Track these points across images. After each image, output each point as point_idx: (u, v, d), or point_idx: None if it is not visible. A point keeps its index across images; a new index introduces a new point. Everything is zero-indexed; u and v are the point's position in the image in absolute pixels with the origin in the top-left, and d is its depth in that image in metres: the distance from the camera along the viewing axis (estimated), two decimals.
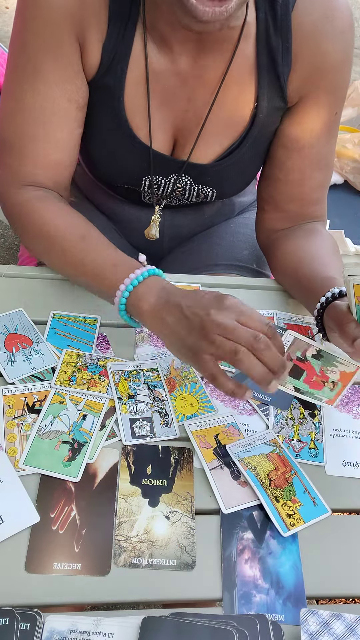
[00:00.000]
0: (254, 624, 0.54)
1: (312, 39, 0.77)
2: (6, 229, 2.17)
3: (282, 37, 0.77)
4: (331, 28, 0.76)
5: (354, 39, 0.80)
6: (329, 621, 0.55)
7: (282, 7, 0.75)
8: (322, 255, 0.83)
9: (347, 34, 0.78)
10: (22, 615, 0.53)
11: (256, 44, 0.78)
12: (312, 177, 0.86)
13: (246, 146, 0.85)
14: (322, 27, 0.76)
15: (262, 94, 0.80)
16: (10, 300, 0.82)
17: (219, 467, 0.68)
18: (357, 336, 0.65)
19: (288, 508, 0.64)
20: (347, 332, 0.66)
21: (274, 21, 0.76)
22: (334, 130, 0.85)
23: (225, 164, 0.87)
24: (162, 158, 0.86)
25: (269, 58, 0.78)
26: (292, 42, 0.77)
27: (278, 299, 0.90)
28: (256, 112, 0.82)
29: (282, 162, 0.86)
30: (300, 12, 0.76)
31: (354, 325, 0.66)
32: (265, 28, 0.77)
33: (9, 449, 0.66)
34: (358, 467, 0.71)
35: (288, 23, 0.76)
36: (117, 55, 0.76)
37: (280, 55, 0.78)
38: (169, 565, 0.60)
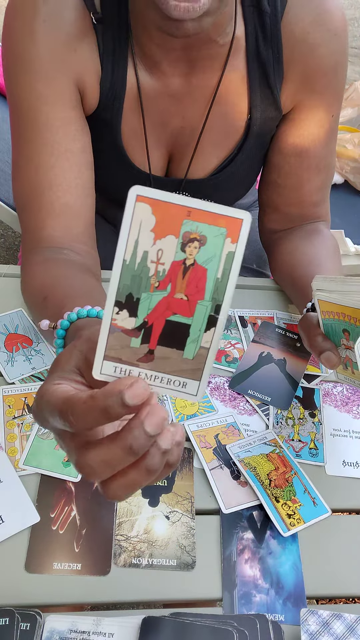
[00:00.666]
0: (254, 624, 0.54)
1: (304, 46, 0.76)
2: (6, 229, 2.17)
3: (273, 48, 0.76)
4: (322, 33, 0.76)
5: (348, 40, 0.80)
6: (329, 621, 0.55)
7: (271, 17, 0.75)
8: (320, 257, 0.83)
9: (339, 36, 0.77)
10: (22, 615, 0.53)
11: (246, 57, 0.77)
12: (310, 180, 0.86)
13: (242, 157, 0.85)
14: (313, 33, 0.75)
15: (255, 105, 0.80)
16: (10, 300, 0.82)
17: (219, 467, 0.68)
18: (323, 349, 0.66)
19: (288, 508, 0.64)
20: (315, 345, 0.67)
21: (263, 32, 0.75)
22: (332, 132, 0.84)
23: (222, 176, 0.87)
24: (159, 180, 0.86)
25: (260, 71, 0.78)
26: (282, 52, 0.76)
27: (278, 299, 0.90)
28: (250, 124, 0.82)
29: (280, 166, 0.86)
30: (289, 20, 0.75)
31: (320, 338, 0.66)
32: (255, 40, 0.76)
33: (9, 449, 0.66)
34: (358, 467, 0.71)
35: (278, 33, 0.75)
36: (114, 89, 0.76)
37: (271, 66, 0.77)
38: (169, 565, 0.60)
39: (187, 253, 0.33)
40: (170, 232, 0.33)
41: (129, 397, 0.34)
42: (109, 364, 0.36)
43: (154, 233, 0.33)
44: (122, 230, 0.32)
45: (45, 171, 0.73)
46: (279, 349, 0.81)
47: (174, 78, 0.77)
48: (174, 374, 0.36)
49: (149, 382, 0.37)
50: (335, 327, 0.65)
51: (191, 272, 0.34)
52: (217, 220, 0.32)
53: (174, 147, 0.85)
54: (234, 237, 0.32)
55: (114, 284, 0.34)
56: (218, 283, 0.34)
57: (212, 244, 0.33)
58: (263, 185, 0.91)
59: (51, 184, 0.73)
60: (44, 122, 0.72)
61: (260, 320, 0.86)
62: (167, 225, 0.32)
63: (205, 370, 0.36)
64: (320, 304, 0.65)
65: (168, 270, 0.34)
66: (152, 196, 0.31)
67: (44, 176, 0.73)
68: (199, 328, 0.35)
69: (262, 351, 0.81)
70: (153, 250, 0.33)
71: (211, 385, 0.76)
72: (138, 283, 0.34)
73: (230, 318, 0.86)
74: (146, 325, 0.35)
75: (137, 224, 0.32)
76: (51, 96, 0.72)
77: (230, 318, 0.86)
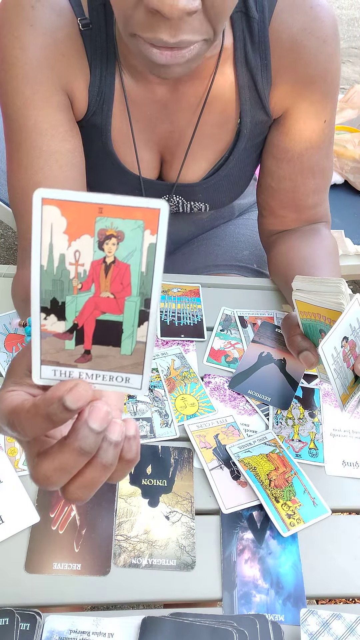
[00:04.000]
0: (253, 624, 0.54)
1: (292, 53, 0.75)
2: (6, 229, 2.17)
3: (261, 55, 0.76)
4: (311, 40, 0.74)
5: (339, 45, 0.79)
6: (329, 621, 0.55)
7: (259, 24, 0.74)
8: (315, 257, 0.83)
9: (329, 42, 0.75)
10: (22, 615, 0.53)
11: (235, 64, 0.77)
12: (304, 185, 0.86)
13: (233, 160, 0.85)
14: (302, 41, 0.74)
15: (245, 110, 0.80)
16: (10, 300, 0.82)
17: (218, 467, 0.68)
18: (301, 349, 0.66)
19: (288, 508, 0.64)
20: (294, 344, 0.67)
21: (251, 39, 0.75)
22: (325, 137, 0.83)
23: (214, 180, 0.87)
24: (151, 183, 0.86)
25: (248, 77, 0.77)
26: (270, 59, 0.76)
27: (278, 299, 0.90)
28: (240, 128, 0.82)
29: (273, 171, 0.86)
30: (277, 27, 0.74)
31: (299, 338, 0.67)
32: (244, 46, 0.75)
33: (9, 449, 0.66)
34: (358, 467, 0.71)
35: (265, 39, 0.74)
36: (102, 95, 0.76)
37: (259, 73, 0.77)
38: (169, 566, 0.60)
39: (106, 251, 0.32)
40: (84, 232, 0.31)
41: (70, 401, 0.33)
42: (47, 368, 0.36)
43: (67, 235, 0.31)
44: (34, 236, 0.31)
45: (34, 173, 0.73)
46: (278, 349, 0.81)
47: (160, 86, 0.77)
48: (115, 371, 0.36)
49: (90, 381, 0.36)
50: (313, 327, 0.65)
51: (113, 269, 0.32)
52: (132, 213, 0.30)
53: (164, 150, 0.85)
54: (152, 228, 0.31)
55: (35, 291, 0.33)
56: (143, 277, 0.32)
57: (130, 238, 0.31)
58: (259, 189, 0.91)
59: (40, 185, 0.73)
60: (32, 126, 0.72)
61: (260, 320, 0.86)
62: (79, 225, 0.31)
63: (146, 363, 0.35)
64: (297, 304, 0.65)
65: (89, 271, 0.32)
66: (58, 197, 0.30)
67: (32, 178, 0.73)
68: (132, 324, 0.34)
69: (262, 351, 0.81)
70: (69, 252, 0.32)
71: (211, 386, 0.76)
72: (60, 287, 0.33)
73: (230, 318, 0.86)
74: (77, 327, 0.34)
75: (47, 227, 0.31)
76: (39, 101, 0.72)
77: (230, 318, 0.86)
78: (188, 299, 0.87)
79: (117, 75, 0.76)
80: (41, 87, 0.71)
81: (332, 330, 0.57)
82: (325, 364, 0.58)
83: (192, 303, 0.87)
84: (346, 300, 0.60)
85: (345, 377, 0.61)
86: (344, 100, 2.07)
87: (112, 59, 0.75)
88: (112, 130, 0.80)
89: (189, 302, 0.87)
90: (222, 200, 0.92)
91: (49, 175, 0.73)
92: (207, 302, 0.88)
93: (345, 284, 0.61)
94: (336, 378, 0.60)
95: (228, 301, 0.88)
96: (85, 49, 0.73)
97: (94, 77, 0.75)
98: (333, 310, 0.60)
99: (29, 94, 0.71)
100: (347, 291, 0.60)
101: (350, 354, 0.61)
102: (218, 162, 0.85)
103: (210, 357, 0.80)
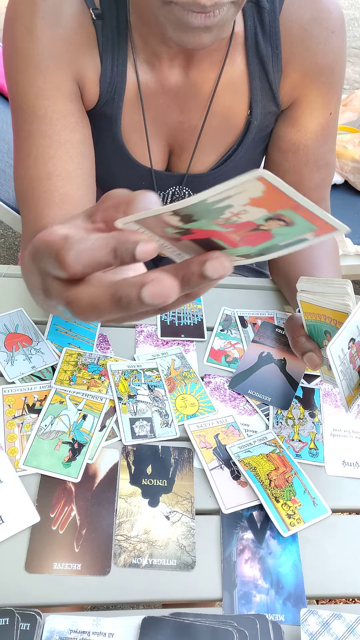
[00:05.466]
0: (254, 624, 0.54)
1: (302, 43, 0.76)
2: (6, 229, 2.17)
3: (272, 44, 0.77)
4: (320, 30, 0.76)
5: (346, 40, 0.80)
6: (329, 621, 0.55)
7: (270, 14, 0.75)
8: (316, 257, 0.83)
9: (337, 34, 0.77)
10: (22, 615, 0.53)
11: (246, 52, 0.78)
12: (310, 178, 0.86)
13: (242, 152, 0.85)
14: (311, 31, 0.76)
15: (255, 100, 0.80)
16: (10, 300, 0.82)
17: (219, 467, 0.68)
18: (306, 350, 0.66)
19: (288, 508, 0.64)
20: (298, 345, 0.68)
21: (262, 28, 0.76)
22: (330, 130, 0.85)
23: (222, 171, 0.87)
24: (160, 175, 0.86)
25: (260, 66, 0.78)
26: (281, 49, 0.77)
27: (278, 299, 0.90)
28: (250, 119, 0.82)
29: (279, 164, 0.86)
30: (287, 17, 0.75)
31: (304, 339, 0.67)
32: (254, 35, 0.77)
33: (9, 449, 0.66)
34: (358, 467, 0.71)
35: (276, 29, 0.76)
36: (114, 85, 0.77)
37: (270, 62, 0.78)
38: (169, 565, 0.60)
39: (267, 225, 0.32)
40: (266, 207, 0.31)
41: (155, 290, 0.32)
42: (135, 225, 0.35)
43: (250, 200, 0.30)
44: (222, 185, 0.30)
45: (44, 162, 0.73)
46: (279, 349, 0.81)
47: (172, 71, 0.77)
48: None
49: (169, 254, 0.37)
50: (318, 328, 0.65)
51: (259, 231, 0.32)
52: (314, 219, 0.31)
53: (173, 142, 0.85)
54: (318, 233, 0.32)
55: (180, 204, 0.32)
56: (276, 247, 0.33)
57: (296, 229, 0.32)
58: None
59: (50, 174, 0.73)
60: (43, 115, 0.73)
61: (260, 320, 0.86)
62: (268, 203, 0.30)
63: None
64: (302, 305, 0.65)
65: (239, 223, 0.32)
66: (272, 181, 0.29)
67: (42, 167, 0.73)
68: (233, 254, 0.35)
69: (262, 351, 0.81)
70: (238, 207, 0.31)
71: (211, 386, 0.76)
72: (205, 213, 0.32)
73: (230, 318, 0.86)
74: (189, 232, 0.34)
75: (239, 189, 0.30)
76: (50, 90, 0.72)
77: (230, 318, 0.86)
78: None
79: (130, 65, 0.76)
80: (53, 77, 0.72)
81: (339, 332, 0.57)
82: (333, 365, 0.58)
83: (192, 303, 0.87)
84: (352, 301, 0.60)
85: (351, 379, 0.62)
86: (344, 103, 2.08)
87: (124, 48, 0.75)
88: (123, 121, 0.80)
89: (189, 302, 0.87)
90: None
91: (58, 165, 0.73)
92: (207, 302, 0.88)
93: (351, 286, 0.61)
94: (342, 379, 0.60)
95: (228, 301, 0.88)
96: (97, 38, 0.73)
97: (105, 67, 0.75)
98: (339, 312, 0.61)
99: (40, 84, 0.72)
100: (352, 292, 0.61)
101: (356, 356, 0.61)
102: (227, 153, 0.86)
103: (211, 357, 0.80)
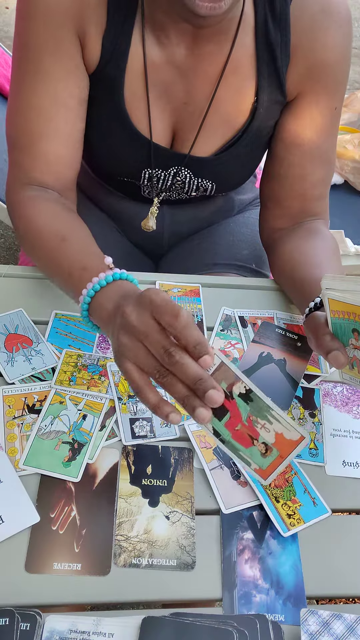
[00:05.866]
0: (254, 624, 0.54)
1: (311, 33, 0.77)
2: (6, 229, 2.17)
3: (281, 31, 0.77)
4: (329, 22, 0.76)
5: (353, 36, 0.80)
6: (329, 621, 0.55)
7: (281, 1, 0.75)
8: (320, 258, 0.83)
9: (345, 29, 0.78)
10: (22, 615, 0.53)
11: (255, 37, 0.78)
12: (313, 173, 0.86)
13: (246, 140, 0.85)
14: (320, 22, 0.76)
15: (262, 87, 0.80)
16: (10, 300, 0.82)
17: (219, 467, 0.68)
18: (331, 349, 0.64)
19: (288, 508, 0.64)
20: (322, 344, 0.66)
21: (272, 14, 0.76)
22: (334, 125, 0.85)
23: (225, 157, 0.87)
24: (162, 151, 0.86)
25: (268, 51, 0.78)
26: (290, 36, 0.77)
27: (278, 299, 0.90)
28: (256, 106, 0.82)
29: (283, 157, 0.86)
30: (298, 5, 0.76)
31: (328, 337, 0.65)
32: (264, 21, 0.77)
33: (9, 449, 0.66)
34: (358, 467, 0.71)
35: (287, 17, 0.76)
36: (117, 48, 0.77)
37: (279, 49, 0.78)
38: (169, 566, 0.60)
39: None
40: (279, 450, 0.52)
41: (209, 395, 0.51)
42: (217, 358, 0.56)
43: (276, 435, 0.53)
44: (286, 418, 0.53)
45: (45, 121, 0.77)
46: (279, 349, 0.81)
47: (179, 48, 0.77)
48: None
49: None
50: (345, 326, 0.64)
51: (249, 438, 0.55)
52: None
53: (178, 122, 0.85)
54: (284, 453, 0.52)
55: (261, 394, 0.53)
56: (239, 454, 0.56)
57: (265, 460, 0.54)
58: (266, 177, 0.91)
59: (49, 135, 0.78)
60: (46, 71, 0.75)
61: (260, 320, 0.86)
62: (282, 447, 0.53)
63: None
64: (330, 302, 0.64)
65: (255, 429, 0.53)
66: None
67: (43, 125, 0.78)
68: None
69: (262, 351, 0.81)
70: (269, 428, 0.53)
71: None
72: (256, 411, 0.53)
73: (230, 318, 0.86)
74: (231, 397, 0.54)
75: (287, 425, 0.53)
76: (53, 45, 0.74)
77: (230, 318, 0.86)
78: (188, 299, 0.87)
79: (137, 31, 0.77)
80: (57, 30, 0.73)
81: None
82: None
83: (192, 303, 0.87)
84: None
85: None
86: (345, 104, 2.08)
87: (134, 12, 0.76)
88: (126, 89, 0.80)
89: (189, 302, 0.87)
90: (228, 181, 0.92)
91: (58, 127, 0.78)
92: (207, 302, 0.88)
93: None
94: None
95: (228, 301, 0.88)
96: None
97: (110, 27, 0.75)
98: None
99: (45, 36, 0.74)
100: None
101: None
102: (231, 139, 0.86)
103: None
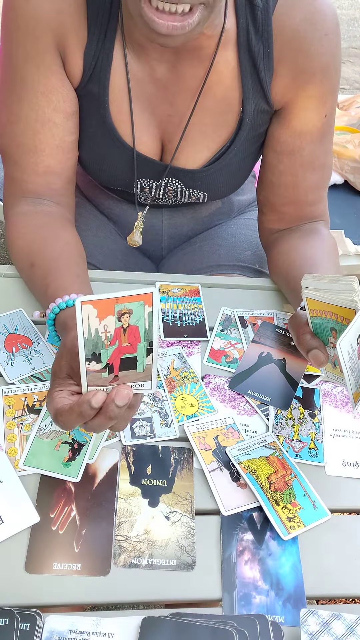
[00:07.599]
0: (253, 624, 0.54)
1: (294, 43, 0.76)
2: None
3: (264, 43, 0.76)
4: (313, 32, 0.75)
5: (340, 41, 0.79)
6: (329, 621, 0.55)
7: (263, 12, 0.75)
8: (316, 257, 0.83)
9: (331, 37, 0.76)
10: (22, 615, 0.53)
11: (237, 50, 0.77)
12: (305, 179, 0.86)
13: (235, 150, 0.85)
14: (304, 32, 0.75)
15: (247, 98, 0.80)
16: (10, 300, 0.82)
17: (218, 469, 0.68)
18: (311, 347, 0.66)
19: (288, 511, 0.64)
20: (303, 343, 0.67)
21: (254, 26, 0.76)
22: (325, 132, 0.84)
23: (215, 168, 0.87)
24: (147, 161, 0.87)
25: (251, 63, 0.78)
26: (273, 48, 0.76)
27: (278, 299, 0.90)
28: (242, 117, 0.82)
29: (274, 165, 0.86)
30: (280, 16, 0.75)
31: (309, 336, 0.67)
32: (247, 33, 0.76)
33: (9, 449, 0.66)
34: (358, 467, 0.71)
35: (269, 28, 0.75)
36: (99, 62, 0.77)
37: (262, 60, 0.77)
38: (169, 566, 0.60)
39: (123, 322, 0.52)
40: (109, 314, 0.51)
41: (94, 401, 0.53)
42: (91, 388, 0.56)
43: (98, 318, 0.51)
44: (78, 322, 0.50)
45: (32, 134, 0.79)
46: (278, 349, 0.81)
47: (160, 64, 0.78)
48: (135, 381, 0.57)
49: None
50: (324, 325, 0.65)
51: (129, 330, 0.53)
52: (136, 298, 0.51)
53: (164, 134, 0.85)
54: (149, 303, 0.52)
55: (81, 351, 0.52)
56: (146, 330, 0.53)
57: (137, 312, 0.52)
58: (260, 185, 0.91)
59: (36, 148, 0.80)
60: (31, 85, 0.76)
61: (260, 320, 0.86)
62: (105, 311, 0.51)
63: (153, 375, 0.57)
64: (308, 302, 0.65)
65: (113, 334, 0.53)
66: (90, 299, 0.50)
67: (30, 139, 0.80)
68: (142, 356, 0.55)
69: (262, 351, 0.81)
70: (101, 326, 0.52)
71: (211, 386, 0.76)
72: (97, 346, 0.53)
73: (230, 318, 0.86)
74: (109, 365, 0.55)
75: (86, 317, 0.50)
76: (35, 57, 0.75)
77: (230, 318, 0.86)
78: (188, 299, 0.87)
79: (119, 47, 0.77)
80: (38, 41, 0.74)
81: (349, 327, 0.58)
82: (342, 360, 0.58)
83: (193, 303, 0.87)
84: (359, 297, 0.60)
85: (358, 375, 0.62)
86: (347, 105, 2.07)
87: (114, 26, 0.76)
88: (111, 102, 0.81)
89: (189, 302, 0.87)
90: (220, 190, 0.93)
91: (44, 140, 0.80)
92: (207, 302, 0.88)
93: (357, 282, 0.61)
94: (350, 375, 0.60)
95: (228, 301, 0.88)
96: (87, 13, 0.74)
97: (91, 41, 0.76)
98: (345, 308, 0.61)
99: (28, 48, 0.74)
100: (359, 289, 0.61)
101: None
102: (219, 150, 0.86)
103: (210, 357, 0.80)
